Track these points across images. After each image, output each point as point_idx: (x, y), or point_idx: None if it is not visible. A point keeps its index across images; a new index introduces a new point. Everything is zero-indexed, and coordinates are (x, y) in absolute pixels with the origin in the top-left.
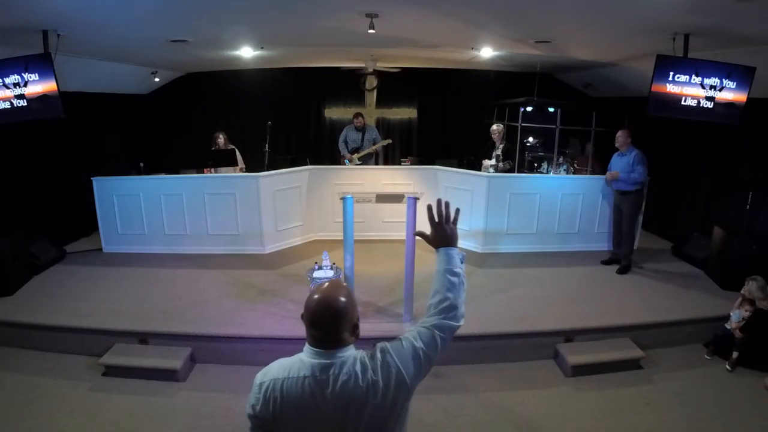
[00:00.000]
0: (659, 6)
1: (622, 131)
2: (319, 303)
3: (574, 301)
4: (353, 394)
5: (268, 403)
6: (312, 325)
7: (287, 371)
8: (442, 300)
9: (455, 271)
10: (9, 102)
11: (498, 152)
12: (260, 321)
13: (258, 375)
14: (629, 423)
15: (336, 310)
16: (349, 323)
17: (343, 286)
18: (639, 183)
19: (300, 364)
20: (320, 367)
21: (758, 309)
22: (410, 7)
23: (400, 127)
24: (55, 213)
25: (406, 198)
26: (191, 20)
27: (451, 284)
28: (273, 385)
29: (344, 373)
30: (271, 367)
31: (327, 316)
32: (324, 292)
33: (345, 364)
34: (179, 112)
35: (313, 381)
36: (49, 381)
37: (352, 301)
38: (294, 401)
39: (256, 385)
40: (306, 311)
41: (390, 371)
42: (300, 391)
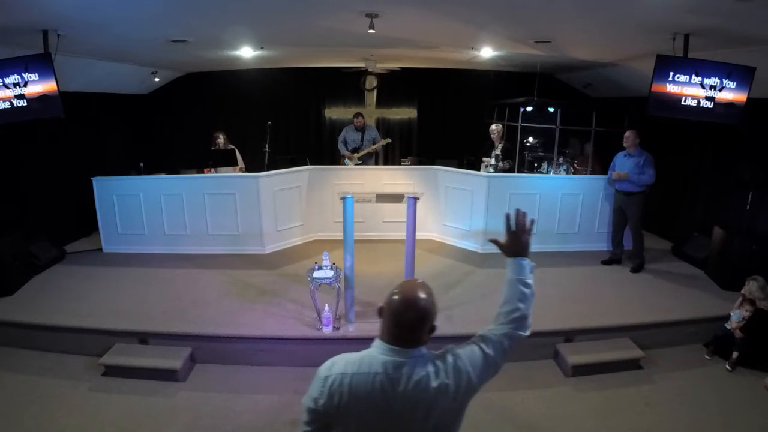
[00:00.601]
0: (659, 6)
1: (631, 131)
2: (405, 302)
3: (574, 301)
4: (424, 395)
5: (333, 397)
6: (395, 323)
7: (357, 366)
8: (513, 310)
9: (527, 282)
10: (9, 102)
11: (497, 152)
12: (260, 321)
13: (321, 369)
14: (629, 423)
15: (422, 310)
16: (430, 324)
17: (427, 286)
18: (648, 185)
19: (371, 360)
20: (394, 365)
21: (758, 309)
22: (410, 7)
23: (400, 127)
24: (55, 213)
25: (406, 198)
26: (191, 20)
27: (522, 295)
28: (340, 379)
29: (417, 373)
30: (336, 362)
31: (412, 316)
32: (411, 291)
33: (418, 364)
34: (179, 112)
35: (385, 378)
36: (49, 381)
37: (434, 302)
38: (362, 397)
39: (320, 378)
40: (389, 308)
41: (461, 376)
42: (370, 388)
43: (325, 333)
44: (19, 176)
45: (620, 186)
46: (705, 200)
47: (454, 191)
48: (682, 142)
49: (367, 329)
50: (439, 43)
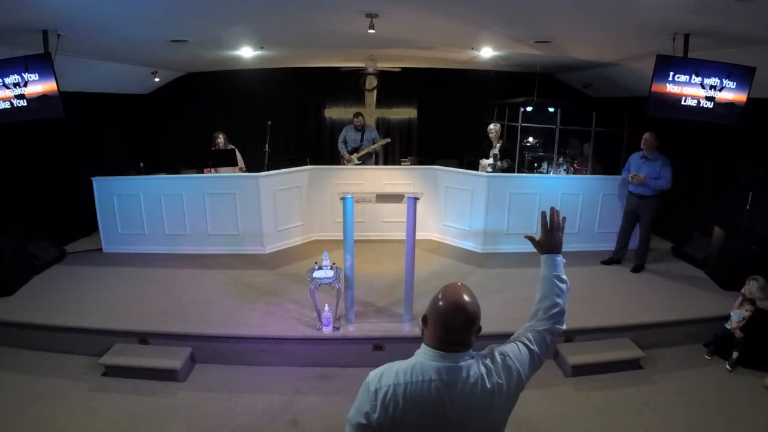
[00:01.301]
0: (659, 6)
1: (650, 133)
2: (453, 307)
3: (574, 301)
4: (481, 397)
5: (387, 409)
6: (445, 329)
7: (408, 375)
8: (552, 305)
9: (563, 277)
10: (9, 102)
11: (495, 151)
12: (260, 321)
13: (370, 381)
14: (629, 423)
15: (470, 314)
16: (477, 325)
17: (470, 289)
18: (662, 191)
19: (422, 367)
20: (447, 370)
21: (759, 309)
22: (410, 7)
23: (400, 127)
24: (55, 213)
25: (406, 198)
26: (191, 20)
27: (560, 290)
28: (393, 390)
29: (471, 376)
30: (385, 372)
31: (462, 320)
32: (457, 296)
33: (471, 367)
34: (179, 112)
35: (440, 384)
36: (49, 381)
37: (478, 303)
38: (417, 405)
39: (371, 392)
40: (437, 315)
41: (512, 374)
42: (426, 395)
43: (325, 333)
44: (19, 176)
45: (635, 189)
46: (705, 200)
47: (454, 191)
48: (682, 142)
49: (367, 329)
50: (439, 43)
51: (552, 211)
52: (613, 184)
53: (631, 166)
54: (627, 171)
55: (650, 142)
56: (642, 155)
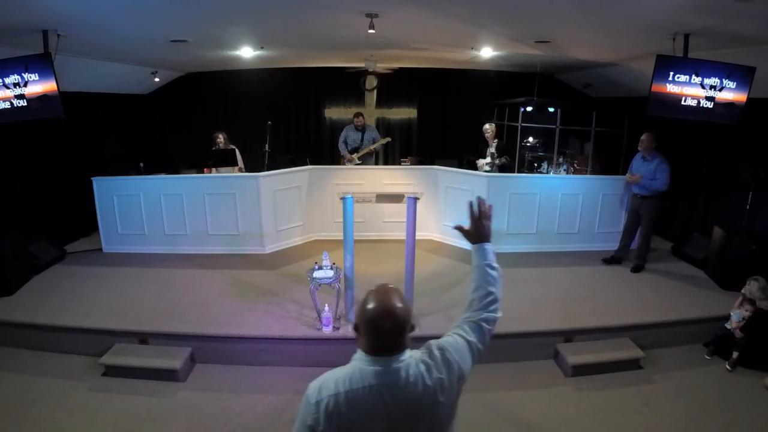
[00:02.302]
0: (659, 6)
1: (647, 134)
2: (379, 313)
3: (574, 301)
4: (423, 395)
5: (332, 419)
6: (374, 335)
7: (347, 383)
8: (486, 294)
9: (494, 265)
10: (9, 102)
11: (492, 150)
12: (260, 321)
13: (310, 394)
14: (629, 423)
15: (398, 318)
16: (408, 327)
17: (397, 290)
18: (658, 192)
19: (360, 373)
20: (385, 373)
21: (758, 309)
22: (410, 7)
23: (400, 127)
24: (55, 213)
25: (406, 198)
26: (191, 20)
27: (492, 278)
28: (335, 400)
29: (411, 375)
30: (324, 383)
31: (389, 326)
32: (381, 300)
33: (410, 366)
34: (179, 112)
35: (381, 388)
36: (49, 381)
37: (407, 305)
38: (362, 412)
39: (311, 404)
40: (364, 322)
41: (452, 367)
42: (368, 401)
43: (325, 333)
44: (19, 176)
45: (635, 189)
46: (705, 200)
47: (454, 191)
48: (682, 142)
49: None
50: (439, 43)
51: (478, 200)
52: (613, 184)
53: (633, 166)
54: (630, 171)
55: (646, 143)
56: (642, 156)
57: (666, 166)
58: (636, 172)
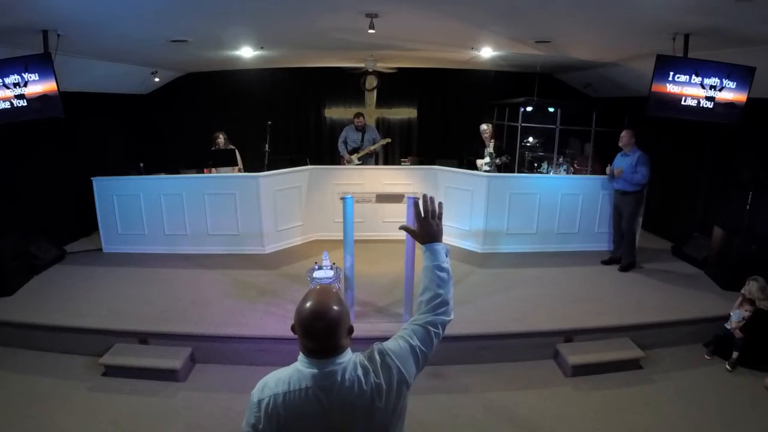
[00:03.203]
0: (659, 6)
1: (626, 131)
2: (312, 315)
3: (574, 301)
4: (359, 400)
5: (272, 419)
6: (307, 337)
7: (287, 385)
8: (433, 297)
9: (443, 266)
10: (9, 102)
11: (490, 150)
12: (260, 321)
13: (254, 392)
14: (629, 423)
15: (331, 320)
16: (344, 329)
17: (333, 292)
18: (640, 184)
19: (299, 374)
20: (321, 376)
21: (758, 309)
22: (410, 7)
23: (400, 127)
24: (55, 213)
25: (406, 198)
26: (191, 20)
27: (440, 280)
28: (274, 400)
29: (347, 379)
30: (267, 383)
31: (322, 327)
32: (315, 302)
33: (347, 370)
34: (179, 112)
35: (317, 390)
36: (49, 381)
37: (344, 307)
38: (299, 414)
39: (254, 403)
40: (298, 323)
41: (391, 372)
42: (304, 403)
43: None
44: (19, 176)
45: (617, 185)
46: (705, 200)
47: (454, 191)
48: (682, 142)
49: (367, 329)
50: (439, 43)
51: (424, 198)
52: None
53: (615, 164)
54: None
55: (626, 140)
56: (623, 153)
57: (646, 158)
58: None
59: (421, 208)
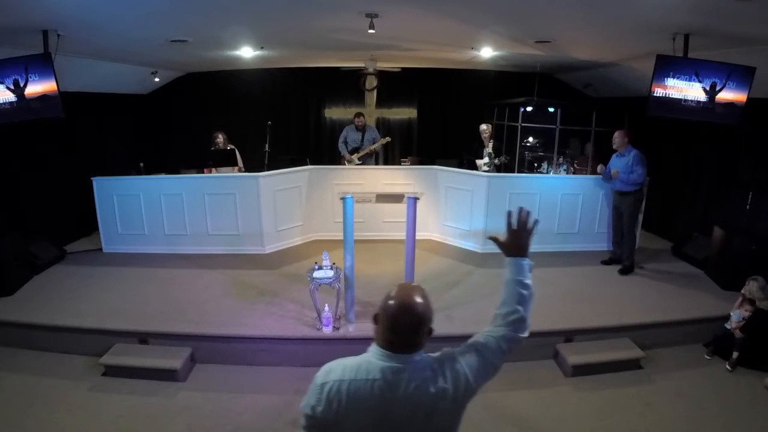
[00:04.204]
0: (659, 6)
1: (618, 132)
2: (401, 308)
3: (574, 301)
4: (423, 400)
5: (331, 403)
6: (392, 330)
7: (354, 372)
8: (511, 312)
9: (525, 283)
10: (9, 102)
11: (489, 150)
12: (260, 321)
13: (318, 375)
14: (629, 423)
15: (418, 315)
16: (427, 328)
17: (421, 289)
18: (638, 184)
19: (368, 365)
20: (392, 371)
21: (758, 309)
22: (410, 7)
23: (400, 127)
24: (55, 213)
25: (406, 198)
26: (191, 20)
27: (521, 297)
28: (338, 386)
29: (416, 378)
30: (333, 368)
31: (409, 321)
32: (405, 296)
33: (416, 369)
34: (179, 112)
35: (383, 384)
36: (49, 381)
37: (430, 305)
38: (360, 404)
39: (317, 385)
40: (385, 315)
41: (459, 379)
42: (368, 394)
43: (325, 333)
44: (19, 176)
45: (614, 185)
46: (705, 200)
47: (454, 191)
48: (682, 142)
49: (367, 329)
50: (439, 43)
51: (521, 211)
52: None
53: (610, 165)
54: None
55: (619, 140)
56: (617, 153)
57: (641, 157)
58: (613, 168)
59: (514, 219)
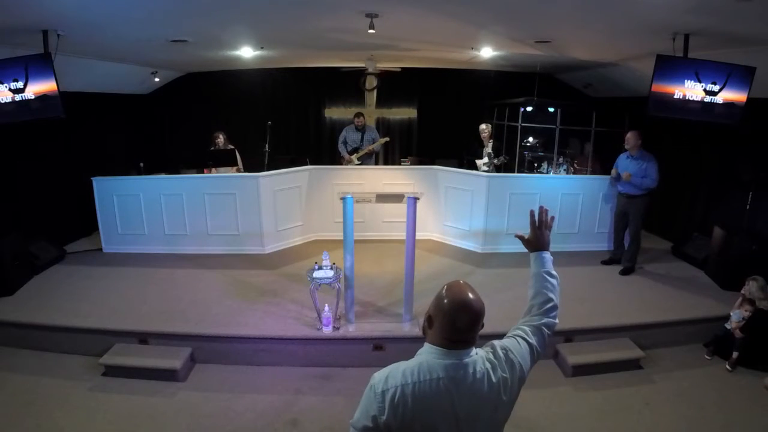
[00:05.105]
0: (659, 6)
1: (632, 132)
2: (459, 306)
3: (574, 301)
4: (488, 392)
5: (396, 409)
6: (452, 327)
7: (415, 375)
8: (546, 301)
9: (553, 273)
10: (9, 102)
11: (489, 150)
12: (260, 321)
13: (376, 383)
14: (629, 423)
15: (476, 311)
16: (482, 322)
17: (470, 285)
18: (650, 189)
19: (428, 366)
20: (454, 367)
21: (758, 309)
22: (410, 7)
23: (400, 127)
24: (55, 213)
25: (406, 198)
26: (191, 20)
27: (552, 285)
28: (402, 390)
29: (478, 371)
30: (391, 373)
31: (468, 318)
32: (462, 294)
33: (476, 363)
34: (179, 113)
35: (449, 381)
36: (49, 381)
37: (481, 300)
38: (428, 404)
39: (377, 393)
40: (443, 314)
41: (514, 368)
42: (435, 393)
43: (325, 333)
44: (18, 176)
45: (623, 188)
46: (705, 200)
47: (454, 191)
48: (682, 142)
49: (367, 329)
50: (439, 43)
51: (541, 210)
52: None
53: (619, 165)
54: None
55: (632, 142)
56: (628, 155)
57: (655, 162)
58: (624, 171)
59: (536, 218)
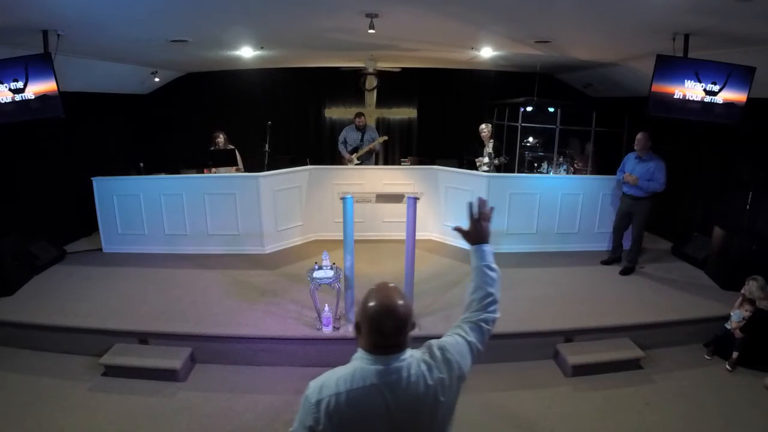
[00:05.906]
0: (659, 6)
1: (643, 133)
2: (381, 311)
3: (574, 301)
4: (425, 395)
5: (332, 419)
6: (376, 333)
7: (348, 383)
8: (485, 295)
9: (492, 266)
10: (9, 102)
11: (489, 150)
12: (260, 321)
13: (310, 393)
14: (629, 423)
15: (400, 315)
16: (410, 325)
17: (397, 288)
18: (655, 192)
19: (362, 372)
20: (387, 372)
21: (758, 309)
22: (410, 7)
23: (400, 127)
24: (55, 213)
25: (406, 198)
26: (191, 20)
27: (491, 279)
28: (336, 399)
29: (413, 375)
30: (324, 383)
31: (391, 323)
32: (383, 298)
33: (411, 366)
34: (179, 112)
35: (383, 387)
36: (49, 381)
37: (408, 303)
38: (364, 411)
39: (311, 404)
40: (366, 320)
41: (452, 367)
42: (369, 400)
43: (325, 333)
44: (18, 176)
45: (629, 190)
46: (705, 200)
47: (454, 191)
48: (682, 142)
49: None
50: (439, 43)
51: (480, 201)
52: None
53: (626, 166)
54: (622, 172)
55: (643, 143)
56: (636, 156)
57: (663, 165)
58: (631, 173)
59: (475, 210)
